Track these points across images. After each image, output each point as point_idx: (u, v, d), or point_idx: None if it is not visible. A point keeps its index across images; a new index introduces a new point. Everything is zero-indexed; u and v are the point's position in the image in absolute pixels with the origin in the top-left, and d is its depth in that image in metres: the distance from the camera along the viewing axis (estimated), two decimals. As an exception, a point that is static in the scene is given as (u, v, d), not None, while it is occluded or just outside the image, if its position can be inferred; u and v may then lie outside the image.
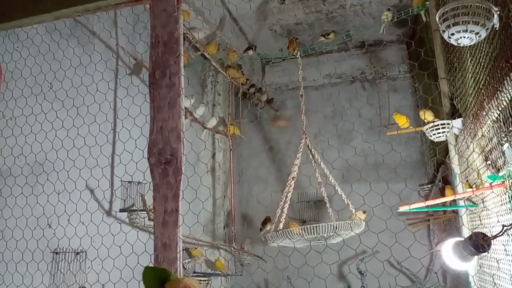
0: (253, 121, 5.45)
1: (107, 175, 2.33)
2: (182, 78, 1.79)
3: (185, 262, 3.96)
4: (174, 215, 1.75)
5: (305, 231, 2.68)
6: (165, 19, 1.83)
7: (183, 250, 1.72)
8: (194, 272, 4.04)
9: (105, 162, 2.27)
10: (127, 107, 2.27)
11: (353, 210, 3.02)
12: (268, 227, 3.44)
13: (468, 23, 1.88)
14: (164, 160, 1.78)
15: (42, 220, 2.12)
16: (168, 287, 1.48)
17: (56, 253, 2.28)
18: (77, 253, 2.34)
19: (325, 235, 2.73)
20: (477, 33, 1.91)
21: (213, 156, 4.74)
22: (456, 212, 3.16)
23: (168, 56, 1.81)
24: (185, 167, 1.67)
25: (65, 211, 2.18)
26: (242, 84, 4.61)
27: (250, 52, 4.34)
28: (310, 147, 3.32)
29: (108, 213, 2.52)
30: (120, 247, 2.07)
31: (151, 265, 1.69)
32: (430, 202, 2.42)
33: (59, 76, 2.26)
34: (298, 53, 3.85)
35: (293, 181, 3.21)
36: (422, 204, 2.27)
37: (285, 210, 3.11)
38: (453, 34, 1.96)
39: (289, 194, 3.18)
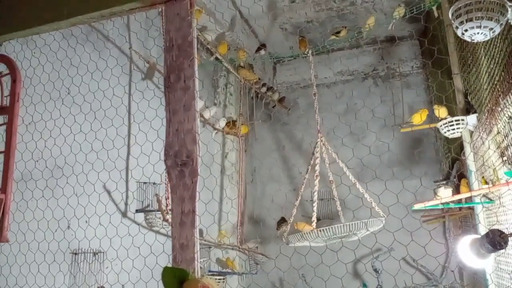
0: (265, 121, 5.46)
1: (124, 177, 2.37)
2: (196, 81, 1.81)
3: (200, 261, 3.98)
4: (191, 216, 1.78)
5: (325, 231, 2.64)
6: (179, 23, 1.86)
7: (200, 249, 1.74)
8: (209, 271, 4.07)
9: (123, 164, 2.31)
10: (143, 110, 2.30)
11: (376, 207, 2.94)
12: (283, 227, 3.43)
13: (482, 19, 1.86)
14: (180, 162, 1.81)
15: (62, 222, 2.18)
16: (187, 286, 1.51)
17: (76, 254, 2.33)
18: (95, 254, 2.38)
19: (346, 234, 2.70)
20: (491, 29, 1.89)
21: (226, 156, 4.76)
22: (472, 209, 3.13)
23: (183, 60, 1.83)
24: (201, 168, 1.70)
25: (84, 213, 2.22)
26: (253, 83, 4.63)
27: (262, 51, 4.35)
28: (326, 146, 3.30)
29: (125, 214, 2.56)
30: (138, 247, 2.11)
31: (169, 265, 1.72)
32: (446, 199, 2.40)
33: (76, 81, 2.30)
34: (310, 52, 3.84)
35: (317, 180, 3.17)
36: (437, 202, 2.25)
37: (315, 209, 3.03)
38: (466, 31, 1.94)
39: (316, 193, 3.13)
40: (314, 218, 2.83)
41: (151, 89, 2.46)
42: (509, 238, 1.72)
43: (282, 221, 3.79)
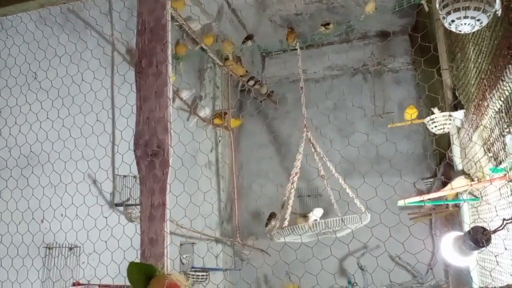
0: (253, 115, 5.37)
1: (92, 168, 2.27)
2: (169, 66, 1.73)
3: (183, 257, 3.91)
4: (161, 209, 1.70)
5: (313, 226, 2.58)
6: (152, 5, 1.76)
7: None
8: (192, 267, 3.99)
9: (91, 154, 2.21)
10: (111, 96, 2.19)
11: (358, 203, 2.90)
12: (273, 223, 3.35)
13: (468, 8, 1.79)
14: (150, 152, 1.73)
15: (27, 214, 2.07)
16: (154, 283, 1.43)
17: (49, 248, 2.23)
18: (71, 248, 2.29)
19: (336, 228, 2.65)
20: (478, 20, 1.82)
21: (211, 150, 4.68)
22: (458, 206, 3.09)
23: (155, 44, 1.74)
24: (184, 159, 1.61)
25: (50, 205, 2.12)
26: (241, 76, 4.53)
27: (249, 43, 4.24)
28: (311, 141, 3.23)
29: (95, 207, 2.45)
30: (106, 242, 2.02)
31: (138, 260, 1.63)
32: (427, 196, 2.35)
33: (44, 65, 2.19)
34: (298, 44, 3.76)
35: (296, 177, 3.11)
36: (418, 198, 2.20)
37: (290, 206, 3.00)
38: (453, 21, 1.88)
39: (293, 190, 3.08)
40: (287, 216, 2.77)
41: (121, 74, 2.35)
42: (491, 235, 1.66)
43: (272, 216, 3.69)
